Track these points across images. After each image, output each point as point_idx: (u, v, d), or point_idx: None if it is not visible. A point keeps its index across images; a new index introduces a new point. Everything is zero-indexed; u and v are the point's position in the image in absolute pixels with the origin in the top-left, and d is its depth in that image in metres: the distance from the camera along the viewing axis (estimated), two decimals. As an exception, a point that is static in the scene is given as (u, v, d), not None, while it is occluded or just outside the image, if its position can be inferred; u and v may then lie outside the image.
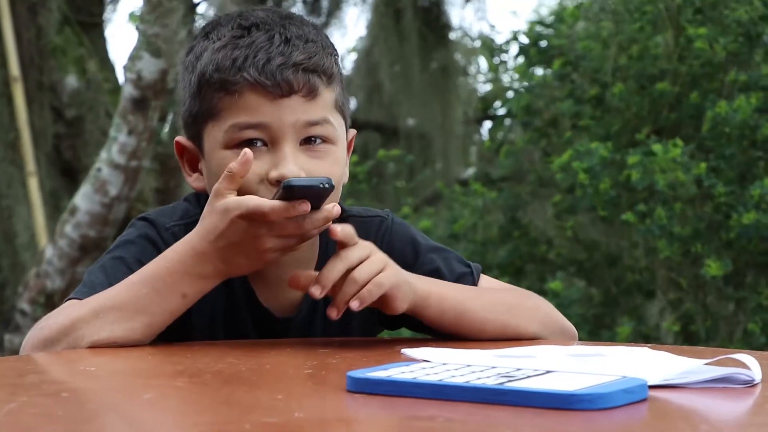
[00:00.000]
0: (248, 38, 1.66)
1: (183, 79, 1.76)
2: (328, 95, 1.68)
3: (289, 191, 1.48)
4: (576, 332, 1.78)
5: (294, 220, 1.52)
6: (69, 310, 1.57)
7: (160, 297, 1.55)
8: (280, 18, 1.71)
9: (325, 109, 1.68)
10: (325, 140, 1.67)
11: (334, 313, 1.56)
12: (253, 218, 1.51)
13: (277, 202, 1.50)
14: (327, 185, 1.49)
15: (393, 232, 1.81)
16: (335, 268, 1.54)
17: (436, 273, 1.76)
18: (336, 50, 1.75)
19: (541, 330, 1.70)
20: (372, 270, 1.55)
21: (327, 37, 1.74)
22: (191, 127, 1.73)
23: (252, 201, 1.51)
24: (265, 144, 1.65)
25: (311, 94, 1.65)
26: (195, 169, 1.77)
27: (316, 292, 1.54)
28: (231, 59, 1.65)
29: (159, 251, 1.64)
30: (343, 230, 1.55)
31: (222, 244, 1.53)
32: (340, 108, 1.72)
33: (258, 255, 1.55)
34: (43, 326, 1.57)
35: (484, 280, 1.82)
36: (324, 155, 1.67)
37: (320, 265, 1.68)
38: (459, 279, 1.77)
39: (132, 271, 1.61)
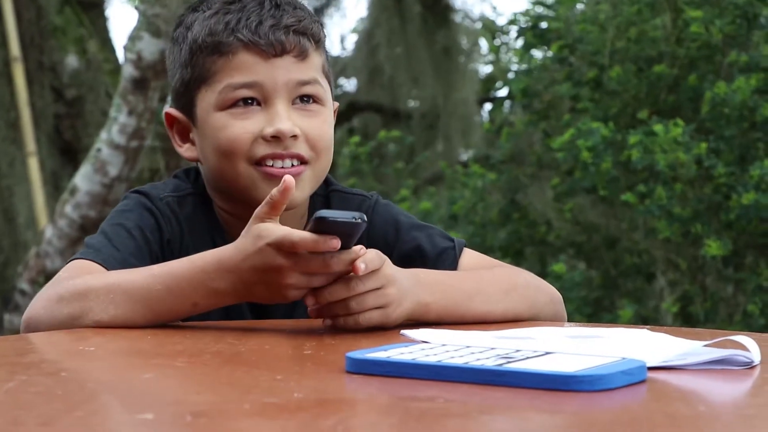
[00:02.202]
0: (239, 4, 1.75)
1: (172, 53, 1.81)
2: (317, 58, 1.77)
3: (320, 223, 1.44)
4: (560, 295, 1.80)
5: (321, 258, 1.47)
6: (89, 278, 1.58)
7: (172, 298, 1.53)
8: None
9: (314, 71, 1.76)
10: (316, 100, 1.75)
11: (328, 322, 1.55)
12: (282, 248, 1.47)
13: (307, 234, 1.46)
14: (360, 220, 1.45)
15: (375, 213, 1.84)
16: (337, 294, 1.51)
17: (417, 249, 1.79)
18: (321, 22, 1.83)
19: (534, 305, 1.72)
20: (369, 304, 1.52)
21: (311, 10, 1.81)
22: (183, 96, 1.78)
23: (283, 231, 1.47)
24: (258, 104, 1.72)
25: (302, 54, 1.73)
26: (186, 139, 1.82)
27: (309, 303, 1.53)
28: (224, 23, 1.73)
29: (156, 219, 1.72)
30: (367, 266, 1.50)
31: (246, 266, 1.50)
32: (327, 74, 1.80)
33: (278, 288, 1.51)
34: (60, 289, 1.58)
35: (467, 254, 1.82)
36: (316, 114, 1.75)
37: None
38: (441, 253, 1.79)
39: (132, 236, 1.68)
